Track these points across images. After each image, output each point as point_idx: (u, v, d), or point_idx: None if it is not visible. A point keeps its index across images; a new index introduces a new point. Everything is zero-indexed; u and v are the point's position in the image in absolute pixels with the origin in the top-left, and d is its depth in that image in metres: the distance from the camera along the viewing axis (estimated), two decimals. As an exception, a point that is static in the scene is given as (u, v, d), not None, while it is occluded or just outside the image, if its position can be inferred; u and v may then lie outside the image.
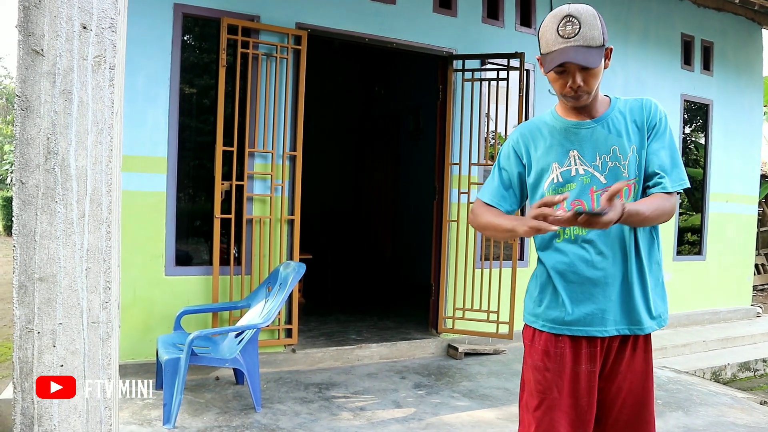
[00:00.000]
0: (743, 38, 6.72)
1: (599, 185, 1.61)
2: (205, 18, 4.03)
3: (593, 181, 1.62)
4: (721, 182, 6.69)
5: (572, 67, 1.53)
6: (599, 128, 1.64)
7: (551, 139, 1.68)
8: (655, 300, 1.66)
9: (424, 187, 6.02)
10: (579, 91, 1.57)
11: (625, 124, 1.65)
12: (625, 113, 1.67)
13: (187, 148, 4.06)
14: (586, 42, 1.50)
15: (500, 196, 1.77)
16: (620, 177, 1.61)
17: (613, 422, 1.67)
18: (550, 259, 1.68)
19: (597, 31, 1.52)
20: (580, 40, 1.50)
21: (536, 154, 1.69)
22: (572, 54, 1.50)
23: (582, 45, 1.50)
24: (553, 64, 1.52)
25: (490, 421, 3.35)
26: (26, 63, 1.23)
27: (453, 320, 4.84)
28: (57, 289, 1.25)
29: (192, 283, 4.00)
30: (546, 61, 1.56)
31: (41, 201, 1.24)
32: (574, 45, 1.50)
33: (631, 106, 1.68)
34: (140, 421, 3.09)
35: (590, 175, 1.62)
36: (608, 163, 1.61)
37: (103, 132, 1.29)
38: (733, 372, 5.31)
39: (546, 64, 1.56)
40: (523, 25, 5.22)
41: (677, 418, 3.54)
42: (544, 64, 1.58)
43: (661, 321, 1.68)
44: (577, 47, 1.50)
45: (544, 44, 1.56)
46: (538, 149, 1.69)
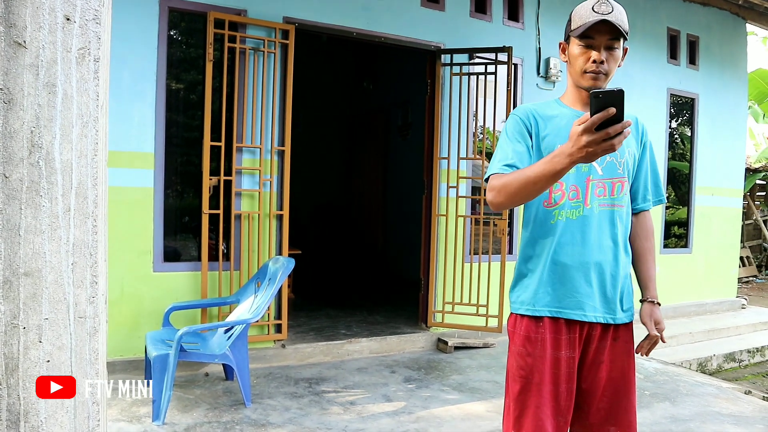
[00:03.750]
0: (728, 33, 6.78)
1: (596, 175, 1.68)
2: (192, 12, 3.99)
3: (591, 170, 1.68)
4: (707, 176, 6.76)
5: (599, 41, 1.61)
6: None
7: (557, 125, 1.70)
8: (628, 294, 1.75)
9: (414, 182, 6.03)
10: (600, 68, 1.62)
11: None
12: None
13: (174, 144, 4.03)
14: (617, 23, 1.59)
15: (520, 154, 1.65)
16: (615, 172, 1.70)
17: (595, 410, 1.70)
18: (540, 241, 1.70)
19: (625, 20, 1.63)
20: (613, 18, 1.58)
21: (542, 134, 1.71)
22: (610, 19, 1.58)
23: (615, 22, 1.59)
24: (588, 25, 1.59)
25: (480, 414, 3.37)
26: (8, 55, 1.21)
27: (443, 314, 4.86)
28: (43, 284, 1.24)
29: (180, 279, 3.98)
30: (577, 32, 1.62)
31: (25, 195, 1.22)
32: (609, 18, 1.59)
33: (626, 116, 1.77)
34: (129, 417, 3.07)
35: (589, 165, 1.67)
36: (607, 157, 1.68)
37: (88, 125, 1.27)
38: (719, 363, 5.38)
39: (576, 31, 1.63)
40: (510, 20, 5.23)
41: (664, 408, 3.59)
42: (573, 32, 1.64)
43: (630, 314, 1.76)
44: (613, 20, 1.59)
45: (577, 20, 1.63)
46: (544, 131, 1.71)
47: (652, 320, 1.76)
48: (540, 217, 1.70)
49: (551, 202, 1.68)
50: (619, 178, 1.70)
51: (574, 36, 1.64)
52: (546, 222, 1.69)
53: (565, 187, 1.67)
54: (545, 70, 5.37)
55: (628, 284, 1.75)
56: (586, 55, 1.64)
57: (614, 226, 1.69)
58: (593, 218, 1.67)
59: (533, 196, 1.57)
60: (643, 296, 1.80)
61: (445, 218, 4.87)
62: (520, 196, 1.56)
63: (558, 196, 1.68)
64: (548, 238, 1.68)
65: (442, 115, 4.88)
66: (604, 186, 1.68)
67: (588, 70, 1.64)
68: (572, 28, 1.65)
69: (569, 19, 1.68)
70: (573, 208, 1.67)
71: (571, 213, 1.67)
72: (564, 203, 1.67)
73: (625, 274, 1.74)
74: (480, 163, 5.04)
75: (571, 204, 1.67)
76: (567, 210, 1.66)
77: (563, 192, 1.67)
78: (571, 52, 1.67)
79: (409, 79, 7.27)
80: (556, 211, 1.67)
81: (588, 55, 1.63)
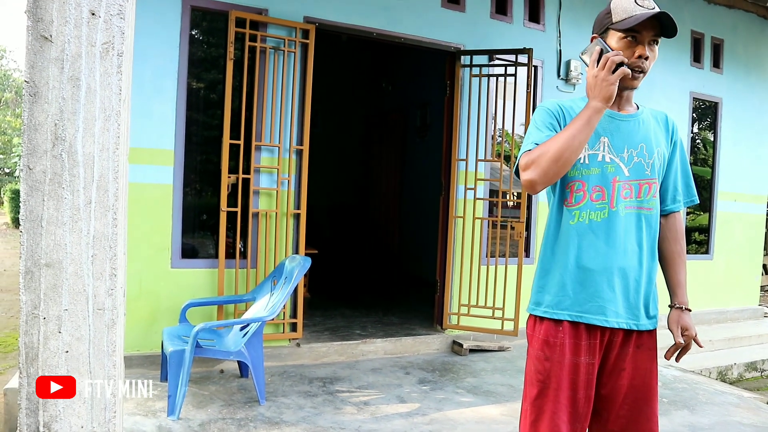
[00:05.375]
0: (754, 35, 6.66)
1: (622, 176, 1.64)
2: (214, 11, 4.03)
3: (617, 171, 1.64)
4: (730, 181, 6.64)
5: (645, 36, 1.58)
6: (633, 123, 1.69)
7: None
8: (653, 300, 1.71)
9: (431, 184, 6.01)
10: (643, 65, 1.60)
11: (653, 128, 1.72)
12: (653, 119, 1.75)
13: (193, 141, 4.06)
14: (670, 20, 1.57)
15: (554, 130, 1.65)
16: (643, 173, 1.66)
17: (614, 418, 1.67)
18: (560, 241, 1.68)
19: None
20: (664, 16, 1.56)
21: None
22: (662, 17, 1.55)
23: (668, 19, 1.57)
24: (639, 19, 1.55)
25: (495, 418, 3.34)
26: (35, 49, 1.23)
27: (458, 316, 4.83)
28: (63, 276, 1.25)
29: (198, 276, 4.01)
30: (624, 25, 1.58)
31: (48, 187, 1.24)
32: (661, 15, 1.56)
33: (656, 116, 1.76)
34: (145, 412, 3.10)
35: (616, 165, 1.64)
36: (634, 158, 1.65)
37: (110, 119, 1.29)
38: (740, 372, 5.28)
39: (622, 24, 1.58)
40: (531, 21, 5.19)
41: (683, 416, 3.53)
42: (618, 25, 1.59)
43: (655, 321, 1.72)
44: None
45: (620, 12, 1.59)
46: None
47: (679, 327, 1.72)
48: (561, 217, 1.68)
49: (572, 202, 1.65)
50: (647, 180, 1.65)
51: (618, 29, 1.59)
52: (566, 222, 1.66)
53: (587, 188, 1.63)
54: (566, 73, 5.32)
55: (653, 290, 1.70)
56: (631, 50, 1.59)
57: (640, 230, 1.65)
58: (619, 221, 1.62)
59: (569, 161, 1.54)
60: (671, 302, 1.76)
61: (462, 220, 4.85)
62: (556, 163, 1.53)
63: (579, 196, 1.64)
64: (569, 240, 1.65)
65: (461, 116, 4.86)
66: (631, 188, 1.64)
67: (634, 65, 1.59)
68: (615, 21, 1.60)
69: (607, 11, 1.63)
70: (598, 209, 1.63)
71: (596, 215, 1.63)
72: (586, 203, 1.64)
73: (650, 280, 1.69)
74: (498, 166, 5.01)
75: (595, 205, 1.63)
76: (591, 211, 1.63)
77: (585, 192, 1.64)
78: (611, 46, 1.61)
79: (428, 80, 7.26)
80: (577, 211, 1.64)
81: (633, 49, 1.59)
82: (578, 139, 1.52)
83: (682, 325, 1.72)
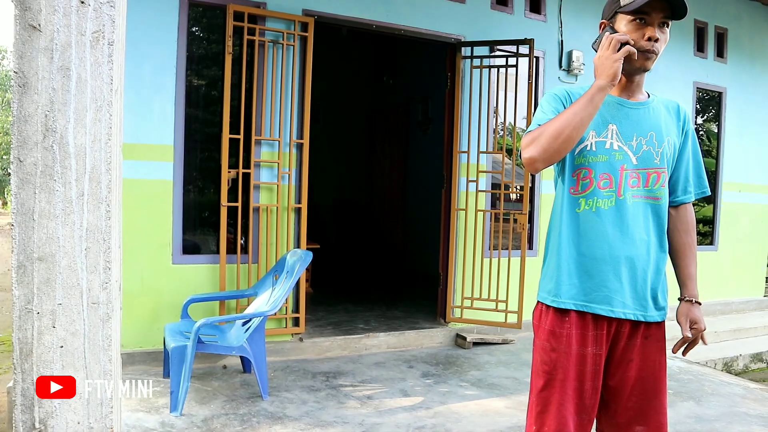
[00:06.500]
0: (758, 24, 6.60)
1: (630, 164, 1.61)
2: (212, 5, 4.00)
3: (625, 159, 1.62)
4: (735, 172, 6.59)
5: (654, 18, 1.55)
6: (642, 110, 1.66)
7: None
8: (662, 291, 1.67)
9: (433, 178, 5.98)
10: (654, 47, 1.56)
11: (664, 116, 1.69)
12: (664, 107, 1.71)
13: (193, 136, 4.04)
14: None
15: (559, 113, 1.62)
16: (652, 162, 1.63)
17: (623, 409, 1.65)
18: (566, 229, 1.65)
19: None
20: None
21: None
22: None
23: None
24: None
25: (499, 410, 3.32)
26: (23, 38, 1.20)
27: (461, 309, 4.81)
28: (56, 269, 1.23)
29: (199, 272, 4.00)
30: (631, 7, 1.55)
31: (39, 179, 1.22)
32: None
33: (667, 104, 1.73)
34: (147, 408, 3.09)
35: (623, 153, 1.61)
36: (643, 146, 1.63)
37: (102, 109, 1.26)
38: (745, 363, 5.25)
39: (629, 6, 1.55)
40: (532, 12, 5.14)
41: (689, 407, 3.50)
42: (626, 8, 1.56)
43: (663, 313, 1.68)
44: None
45: None
46: None
47: (688, 320, 1.69)
48: (568, 205, 1.65)
49: (578, 190, 1.62)
50: (656, 169, 1.62)
51: (625, 11, 1.56)
52: (572, 210, 1.63)
53: (594, 175, 1.60)
54: (567, 63, 5.27)
55: (662, 281, 1.67)
56: (640, 32, 1.56)
57: (648, 220, 1.62)
58: (626, 210, 1.60)
59: (571, 138, 1.50)
60: (681, 294, 1.73)
61: (465, 212, 4.82)
62: (557, 140, 1.50)
63: (586, 184, 1.61)
64: (575, 227, 1.63)
65: (462, 108, 4.82)
66: (638, 176, 1.61)
67: (644, 48, 1.56)
68: (623, 4, 1.57)
69: None
70: (605, 197, 1.60)
71: (603, 203, 1.60)
72: (593, 191, 1.61)
73: (658, 270, 1.66)
74: (500, 158, 4.98)
75: (602, 193, 1.60)
76: (598, 199, 1.60)
77: (591, 180, 1.61)
78: (620, 30, 1.58)
79: (429, 74, 7.22)
80: (583, 199, 1.62)
81: (643, 31, 1.55)
82: (579, 116, 1.50)
83: (691, 318, 1.69)
